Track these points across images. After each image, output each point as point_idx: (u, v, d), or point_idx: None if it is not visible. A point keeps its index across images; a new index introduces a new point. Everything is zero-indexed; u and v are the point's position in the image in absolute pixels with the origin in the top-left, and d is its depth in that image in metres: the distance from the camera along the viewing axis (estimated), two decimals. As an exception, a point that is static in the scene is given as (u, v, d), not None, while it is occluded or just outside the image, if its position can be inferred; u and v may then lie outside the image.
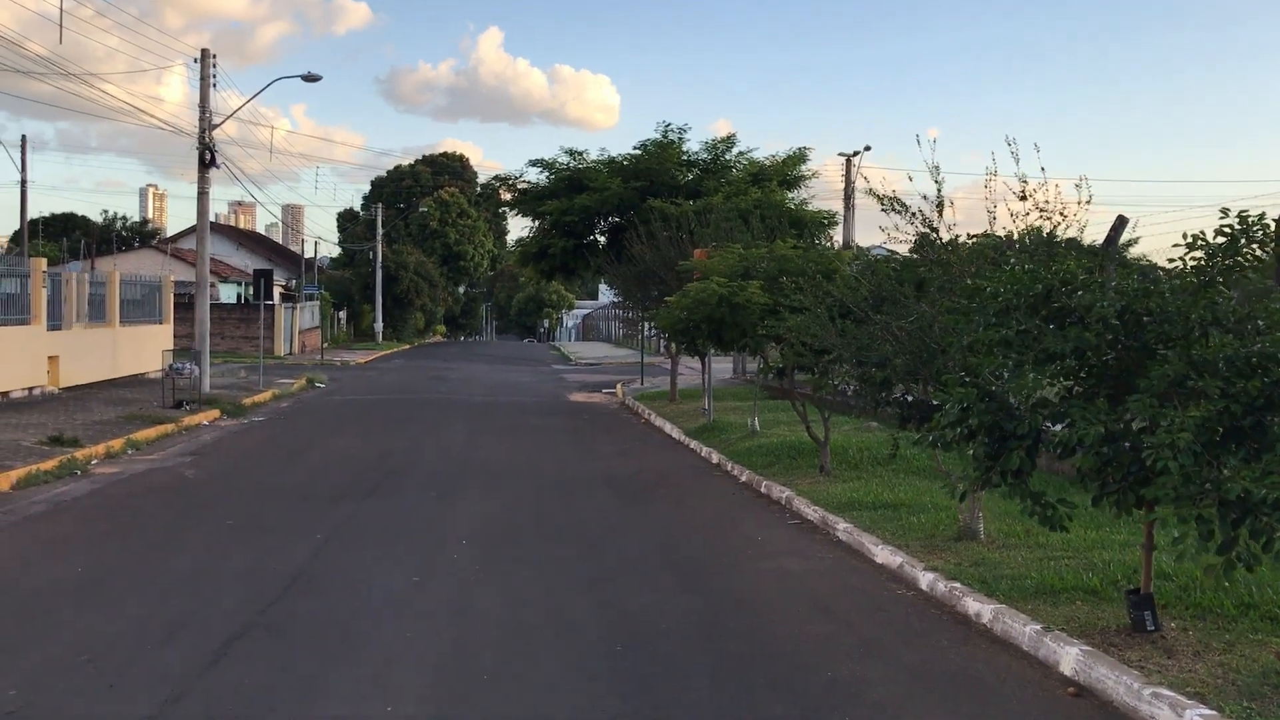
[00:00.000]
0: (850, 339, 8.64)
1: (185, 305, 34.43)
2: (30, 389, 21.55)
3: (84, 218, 77.37)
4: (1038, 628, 6.56)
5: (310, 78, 27.16)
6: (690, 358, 24.12)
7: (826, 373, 13.55)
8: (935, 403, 9.05)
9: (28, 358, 21.39)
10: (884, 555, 9.08)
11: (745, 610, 7.51)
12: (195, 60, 26.52)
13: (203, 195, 26.38)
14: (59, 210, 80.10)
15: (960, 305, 6.79)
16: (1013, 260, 7.10)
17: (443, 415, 22.32)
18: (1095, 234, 9.95)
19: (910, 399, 9.05)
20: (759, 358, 15.40)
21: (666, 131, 25.85)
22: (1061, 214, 8.55)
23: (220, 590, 7.85)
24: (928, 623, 7.26)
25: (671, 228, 21.01)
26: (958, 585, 7.78)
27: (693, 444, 17.75)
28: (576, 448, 17.54)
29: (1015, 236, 8.40)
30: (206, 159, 26.10)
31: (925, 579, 8.20)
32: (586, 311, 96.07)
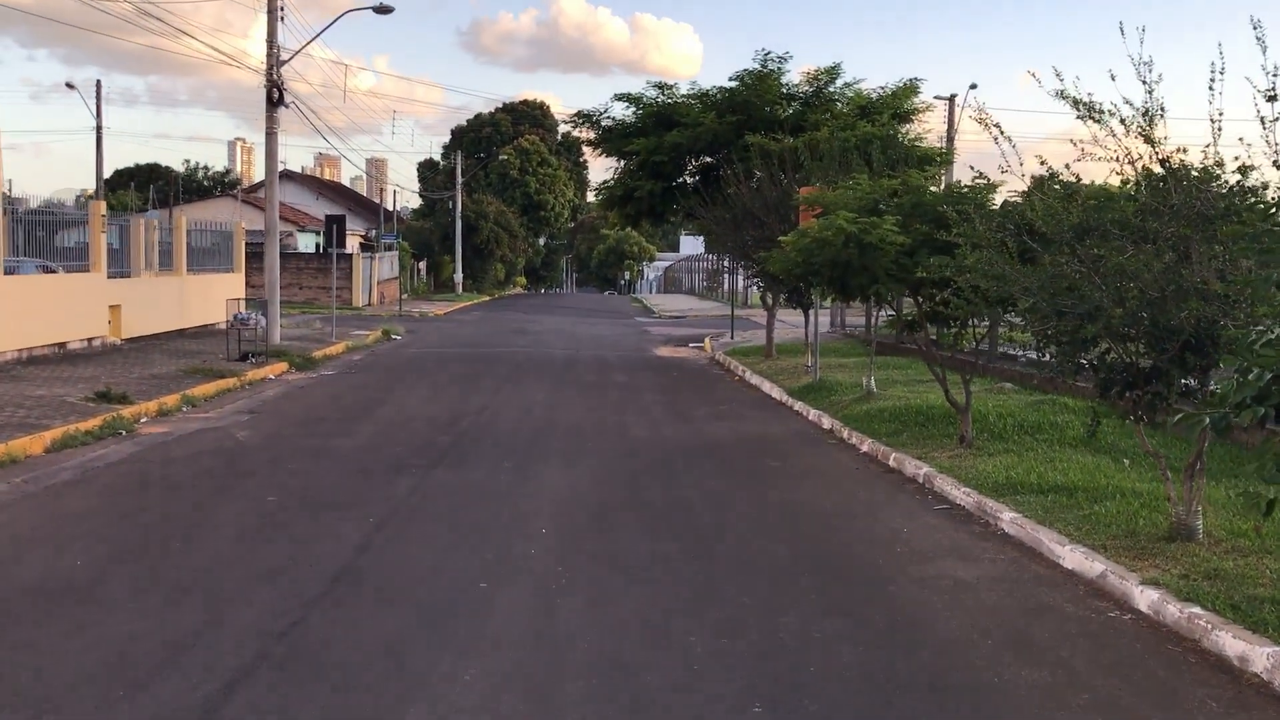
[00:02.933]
0: (1046, 283, 6.60)
1: (259, 254, 33.31)
2: (90, 340, 20.37)
3: (167, 168, 77.40)
4: (1359, 693, 4.60)
5: (382, 9, 25.48)
6: (792, 309, 22.12)
7: (957, 324, 11.56)
8: (1144, 366, 7.06)
9: (86, 307, 20.19)
10: (1075, 559, 7.12)
11: (920, 641, 5.64)
12: (262, -9, 24.98)
13: (271, 136, 24.93)
14: (145, 161, 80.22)
15: (1258, 232, 4.77)
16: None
17: (522, 370, 20.70)
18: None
19: (1105, 359, 7.02)
20: (882, 308, 13.39)
21: (765, 60, 23.49)
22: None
23: (239, 597, 6.22)
24: (1171, 668, 5.32)
25: (773, 165, 18.91)
26: (1198, 611, 5.81)
27: (797, 405, 15.84)
28: (668, 408, 15.75)
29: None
30: (274, 97, 24.60)
31: (1145, 597, 6.23)
32: (668, 263, 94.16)
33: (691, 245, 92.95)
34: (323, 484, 9.72)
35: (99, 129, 41.45)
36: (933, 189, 11.03)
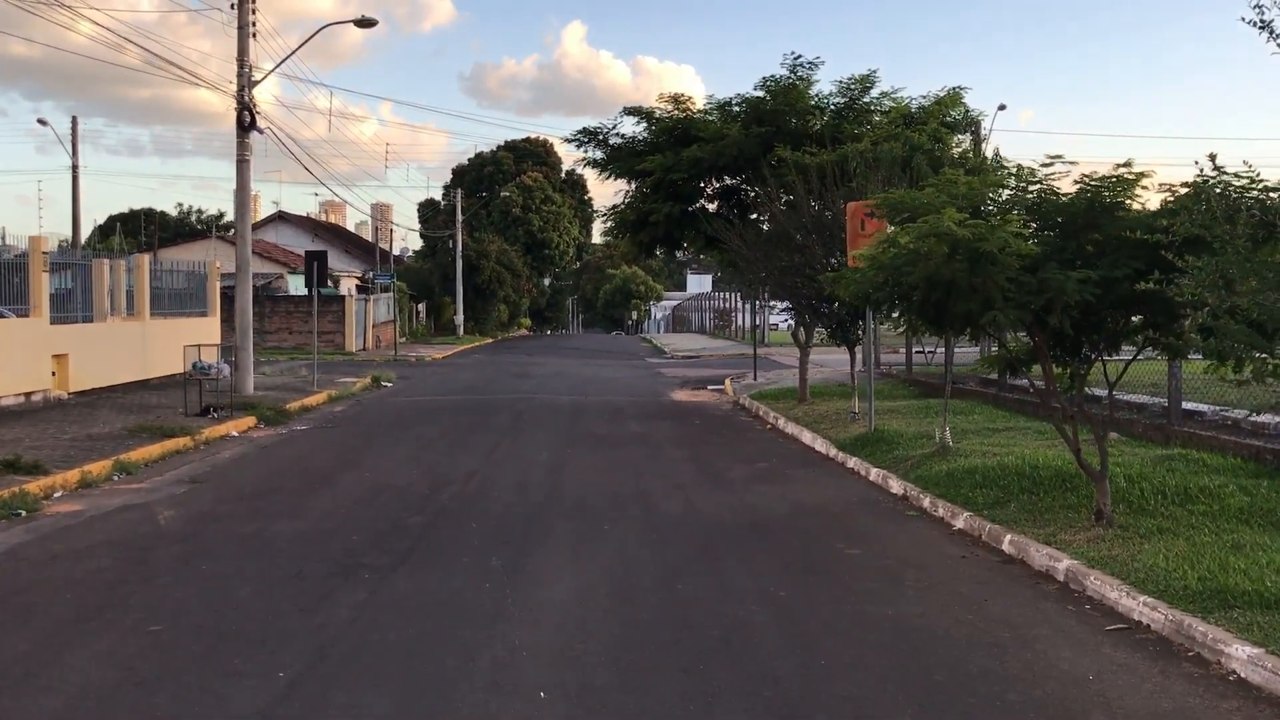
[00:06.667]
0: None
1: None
2: (28, 394, 17.72)
3: (161, 212, 75.20)
4: None
5: (364, 22, 23.04)
6: (836, 346, 19.38)
7: (1079, 360, 8.85)
8: None
9: (24, 356, 17.56)
10: None
11: None
12: (232, 7, 22.52)
13: (243, 163, 22.38)
14: (143, 206, 77.89)
15: None
16: None
17: (522, 421, 17.98)
18: None
19: None
20: (980, 342, 10.69)
21: (795, 66, 20.90)
22: None
23: None
24: None
25: (810, 181, 16.27)
26: None
27: (851, 462, 13.12)
28: (696, 467, 13.04)
29: None
30: (245, 121, 22.12)
31: None
32: (675, 302, 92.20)
33: (698, 284, 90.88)
34: (237, 599, 6.99)
35: (75, 168, 39.10)
36: (1055, 185, 8.33)
